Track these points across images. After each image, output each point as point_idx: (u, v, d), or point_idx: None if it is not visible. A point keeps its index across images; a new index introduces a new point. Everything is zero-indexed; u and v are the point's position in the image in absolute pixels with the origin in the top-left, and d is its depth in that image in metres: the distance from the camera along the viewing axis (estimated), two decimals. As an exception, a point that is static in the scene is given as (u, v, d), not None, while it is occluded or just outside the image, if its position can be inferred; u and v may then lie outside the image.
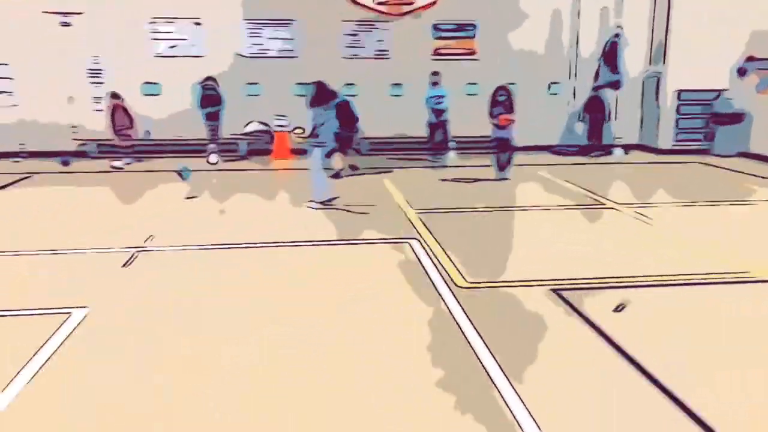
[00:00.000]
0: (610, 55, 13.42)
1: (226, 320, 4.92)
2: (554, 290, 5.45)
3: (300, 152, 12.94)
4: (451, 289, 5.47)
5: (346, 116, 8.95)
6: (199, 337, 4.61)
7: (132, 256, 6.42)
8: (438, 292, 5.42)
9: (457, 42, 13.67)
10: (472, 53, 13.72)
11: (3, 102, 12.47)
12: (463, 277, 5.76)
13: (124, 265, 6.17)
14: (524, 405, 3.61)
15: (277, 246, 6.85)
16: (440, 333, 4.65)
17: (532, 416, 3.50)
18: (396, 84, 13.60)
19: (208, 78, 12.23)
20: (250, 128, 13.00)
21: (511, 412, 3.56)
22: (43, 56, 12.34)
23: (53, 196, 9.63)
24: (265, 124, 13.08)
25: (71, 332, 4.64)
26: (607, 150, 13.65)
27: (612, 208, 8.76)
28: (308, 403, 3.70)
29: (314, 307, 5.17)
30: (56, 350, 4.35)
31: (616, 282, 5.73)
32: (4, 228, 7.74)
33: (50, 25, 12.31)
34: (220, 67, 12.74)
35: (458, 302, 5.16)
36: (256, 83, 13.19)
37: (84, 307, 5.06)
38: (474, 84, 13.60)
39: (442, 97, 12.37)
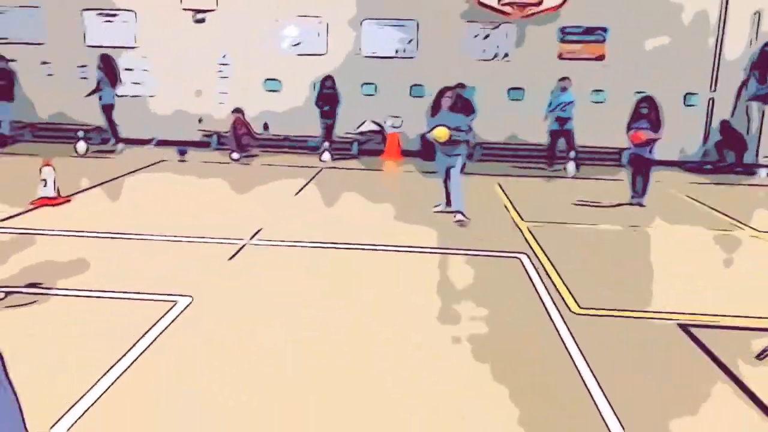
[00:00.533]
0: (761, 64, 12.07)
1: (324, 319, 4.80)
2: (682, 326, 4.84)
3: (409, 154, 12.82)
4: (561, 314, 5.01)
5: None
6: (294, 335, 4.53)
7: (239, 249, 6.52)
8: (549, 316, 4.99)
9: (584, 46, 12.88)
10: (601, 58, 12.87)
11: (140, 91, 13.34)
12: (577, 302, 5.27)
13: (230, 258, 6.26)
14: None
15: (381, 249, 6.68)
16: (547, 363, 4.24)
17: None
18: (516, 88, 13.06)
19: (327, 77, 12.38)
20: (363, 128, 13.02)
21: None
22: (177, 50, 13.07)
23: (175, 184, 10.11)
24: (379, 125, 13.05)
25: (173, 320, 4.73)
26: (750, 170, 12.30)
27: (754, 236, 7.80)
28: (405, 414, 3.46)
29: (410, 317, 4.93)
30: (157, 337, 4.44)
31: (758, 322, 4.99)
32: (124, 212, 8.19)
33: (185, 20, 13.00)
34: (338, 66, 12.86)
35: (569, 330, 4.71)
36: (372, 83, 13.18)
37: (189, 296, 5.15)
38: (600, 91, 12.76)
39: (569, 104, 11.64)
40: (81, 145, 12.05)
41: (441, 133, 7.64)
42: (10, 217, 7.40)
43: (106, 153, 12.19)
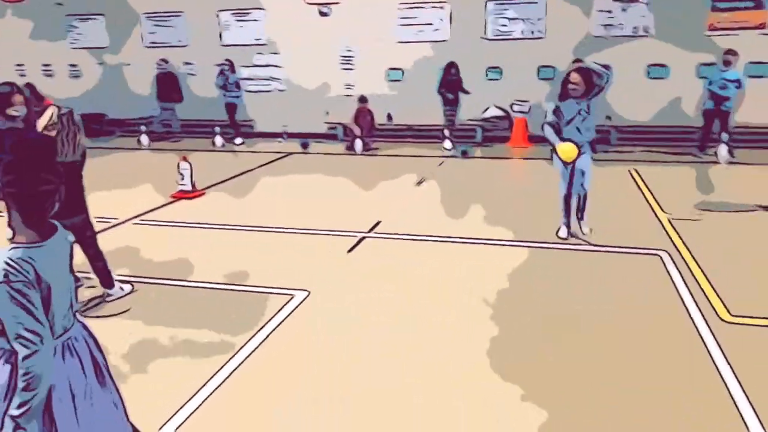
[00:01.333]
0: None
1: (442, 316, 4.60)
2: None
3: (538, 140, 12.17)
4: (708, 322, 4.40)
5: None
6: (409, 332, 4.37)
7: (358, 242, 6.49)
8: (693, 324, 4.40)
9: (740, 14, 11.41)
10: (762, 26, 11.35)
11: (271, 87, 13.89)
12: (727, 309, 4.61)
13: (349, 251, 6.25)
14: None
15: (505, 244, 6.33)
16: (691, 379, 3.72)
17: None
18: (657, 65, 11.90)
19: (450, 64, 12.06)
20: (488, 114, 12.58)
21: None
22: (303, 45, 13.41)
23: (299, 176, 10.36)
24: (504, 110, 12.53)
25: (289, 314, 4.77)
26: None
27: None
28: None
29: (535, 318, 4.57)
30: (274, 330, 4.50)
31: None
32: (250, 205, 8.51)
33: (311, 15, 13.29)
34: (462, 52, 12.48)
35: (717, 341, 4.11)
36: (497, 67, 12.66)
37: (305, 290, 5.19)
38: (762, 64, 11.28)
39: (734, 81, 10.31)
40: (218, 140, 12.80)
41: (568, 155, 6.08)
42: (154, 209, 7.98)
43: (239, 147, 12.83)
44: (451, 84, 12.11)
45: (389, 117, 13.18)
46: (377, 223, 7.08)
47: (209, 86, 13.54)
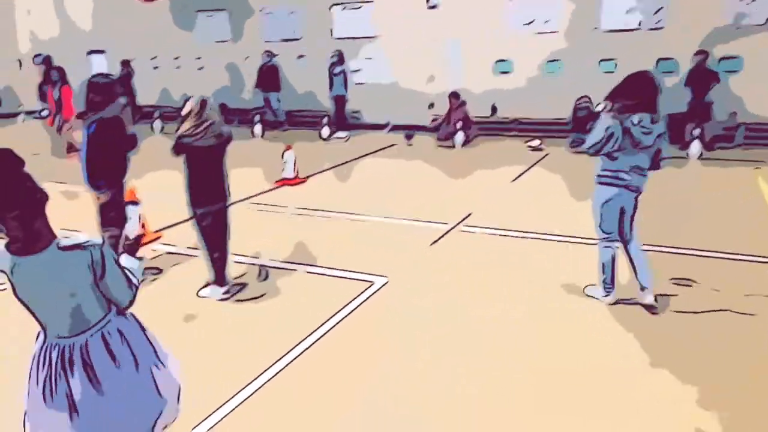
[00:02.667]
0: None
1: (525, 314, 4.53)
2: None
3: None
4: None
5: None
6: (484, 327, 4.35)
7: (444, 233, 6.51)
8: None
9: None
10: None
11: (378, 79, 14.14)
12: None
13: (433, 243, 6.28)
14: None
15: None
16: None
17: None
18: (795, 57, 10.77)
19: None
20: (600, 107, 11.98)
21: None
22: (411, 37, 13.51)
23: (399, 167, 10.49)
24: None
25: (367, 299, 4.91)
26: None
27: None
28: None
29: (632, 325, 4.38)
30: (348, 314, 4.65)
31: None
32: (348, 193, 8.75)
33: (419, 7, 13.36)
34: (573, 43, 12.01)
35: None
36: (612, 59, 12.04)
37: (385, 276, 5.30)
38: None
39: None
40: (325, 130, 13.25)
41: None
42: (258, 194, 8.45)
43: (342, 139, 13.18)
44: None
45: (494, 109, 12.98)
46: (467, 216, 7.05)
47: (319, 78, 14.03)
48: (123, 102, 5.23)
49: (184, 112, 4.70)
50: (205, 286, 5.09)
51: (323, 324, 4.47)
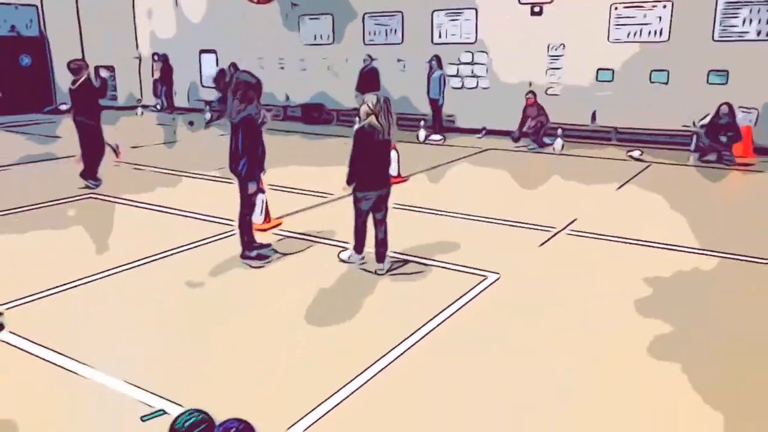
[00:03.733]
0: None
1: (627, 323, 4.62)
2: None
3: (765, 152, 11.04)
4: None
5: None
6: (594, 330, 4.47)
7: (552, 236, 6.62)
8: None
9: None
10: None
11: (476, 84, 14.32)
12: None
13: (541, 244, 6.41)
14: None
15: (705, 254, 6.01)
16: None
17: None
18: None
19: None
20: (706, 121, 11.65)
21: None
22: (511, 43, 13.59)
23: (498, 170, 10.60)
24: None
25: (481, 292, 5.11)
26: None
27: None
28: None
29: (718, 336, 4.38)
30: (464, 305, 4.88)
31: None
32: (448, 192, 8.97)
33: (522, 14, 13.41)
34: (681, 53, 11.73)
35: None
36: (723, 71, 11.66)
37: (497, 273, 5.49)
38: None
39: None
40: (421, 133, 13.55)
41: None
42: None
43: (437, 142, 13.41)
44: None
45: (593, 117, 12.86)
46: (573, 221, 7.11)
47: (417, 82, 14.36)
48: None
49: (363, 110, 5.41)
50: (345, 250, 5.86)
51: (439, 314, 4.69)
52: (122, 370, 3.84)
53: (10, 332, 4.30)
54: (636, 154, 11.31)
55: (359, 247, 5.72)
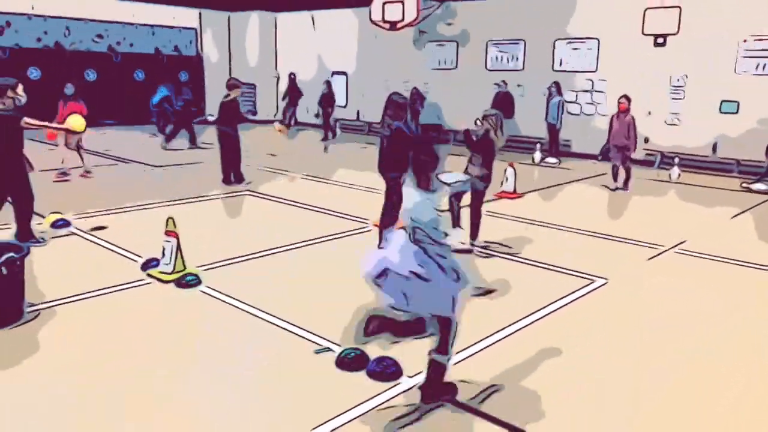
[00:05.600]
0: None
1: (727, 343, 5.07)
2: None
3: None
4: None
5: None
6: (690, 345, 4.98)
7: (660, 252, 7.08)
8: None
9: None
10: None
11: (595, 111, 14.70)
12: None
13: (650, 258, 6.89)
14: None
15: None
16: None
17: None
18: None
19: None
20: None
21: None
22: (633, 73, 13.88)
23: (609, 193, 10.95)
24: None
25: (587, 293, 5.75)
26: None
27: None
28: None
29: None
30: (569, 303, 5.54)
31: None
32: (560, 209, 9.53)
33: (645, 45, 13.70)
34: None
35: None
36: None
37: (604, 278, 6.09)
38: None
39: None
40: (537, 155, 14.13)
41: None
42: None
43: (552, 164, 13.91)
44: None
45: (714, 148, 12.86)
46: (682, 242, 7.50)
47: (536, 107, 14.98)
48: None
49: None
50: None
51: (546, 306, 5.38)
52: (296, 318, 4.91)
53: (207, 286, 5.55)
54: (758, 186, 11.21)
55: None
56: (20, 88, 6.48)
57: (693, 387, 4.08)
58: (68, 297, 5.26)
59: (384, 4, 16.74)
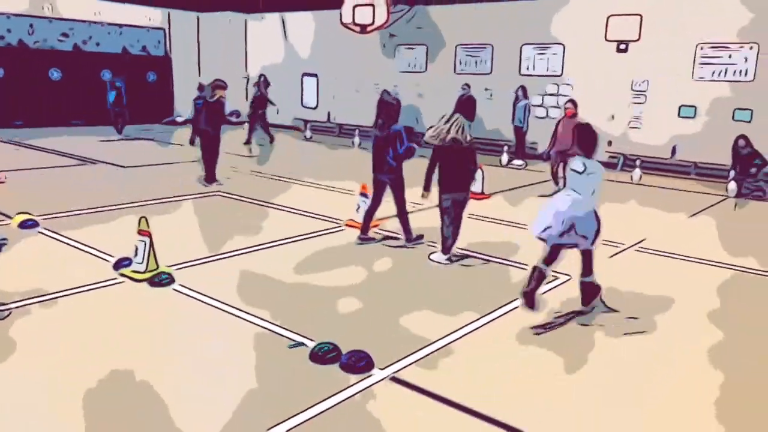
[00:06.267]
0: None
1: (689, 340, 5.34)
2: None
3: None
4: None
5: None
6: (654, 334, 5.24)
7: (620, 251, 7.37)
8: None
9: None
10: None
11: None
12: None
13: (611, 256, 7.17)
14: None
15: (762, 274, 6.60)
16: None
17: None
18: None
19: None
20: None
21: None
22: (595, 78, 14.32)
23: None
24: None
25: (550, 290, 5.98)
26: None
27: None
28: None
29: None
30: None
31: None
32: (522, 209, 9.77)
33: (608, 51, 14.15)
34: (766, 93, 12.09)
35: None
36: (805, 111, 11.92)
37: (568, 275, 6.33)
38: None
39: None
40: (504, 157, 14.43)
41: None
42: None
43: (518, 167, 14.24)
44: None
45: (673, 151, 13.34)
46: (642, 240, 7.81)
47: (503, 110, 15.30)
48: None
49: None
50: (435, 252, 6.91)
51: (510, 302, 5.59)
52: (270, 314, 5.00)
53: (180, 284, 5.60)
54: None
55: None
56: None
57: (657, 375, 4.32)
58: (40, 296, 5.26)
59: (354, 7, 16.89)
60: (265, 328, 4.83)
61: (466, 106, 15.80)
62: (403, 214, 7.26)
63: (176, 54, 21.01)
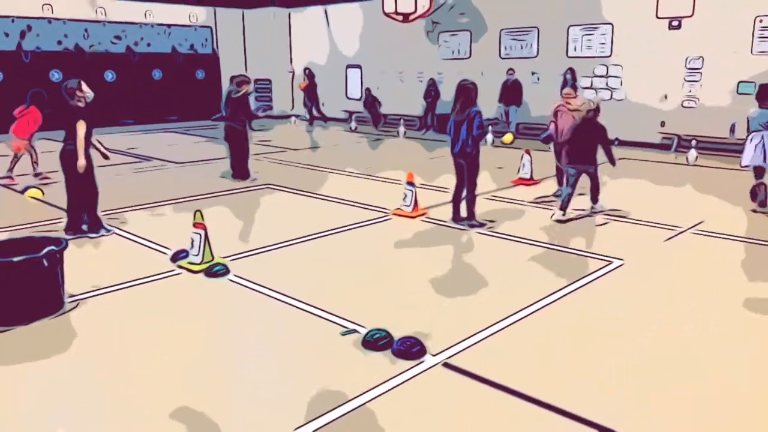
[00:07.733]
0: None
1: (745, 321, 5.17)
2: None
3: None
4: None
5: None
6: (708, 322, 5.08)
7: (677, 233, 7.16)
8: None
9: None
10: None
11: (610, 96, 14.68)
12: None
13: (667, 239, 6.98)
14: None
15: None
16: None
17: None
18: None
19: None
20: None
21: None
22: (648, 57, 13.85)
23: (632, 177, 10.99)
24: None
25: (603, 275, 5.86)
26: None
27: None
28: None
29: None
30: (585, 285, 5.67)
31: None
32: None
33: (660, 28, 13.65)
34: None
35: None
36: None
37: (621, 259, 6.19)
38: None
39: None
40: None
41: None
42: (499, 189, 9.75)
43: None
44: None
45: (732, 129, 12.80)
46: (699, 222, 7.56)
47: (551, 94, 14.97)
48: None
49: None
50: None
51: (563, 287, 5.52)
52: (322, 302, 5.10)
53: (234, 275, 5.77)
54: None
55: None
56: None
57: (710, 364, 4.20)
58: (105, 288, 5.50)
59: (396, -4, 16.84)
60: (318, 315, 4.92)
61: (512, 90, 15.63)
62: (471, 196, 7.44)
63: (223, 51, 21.41)
